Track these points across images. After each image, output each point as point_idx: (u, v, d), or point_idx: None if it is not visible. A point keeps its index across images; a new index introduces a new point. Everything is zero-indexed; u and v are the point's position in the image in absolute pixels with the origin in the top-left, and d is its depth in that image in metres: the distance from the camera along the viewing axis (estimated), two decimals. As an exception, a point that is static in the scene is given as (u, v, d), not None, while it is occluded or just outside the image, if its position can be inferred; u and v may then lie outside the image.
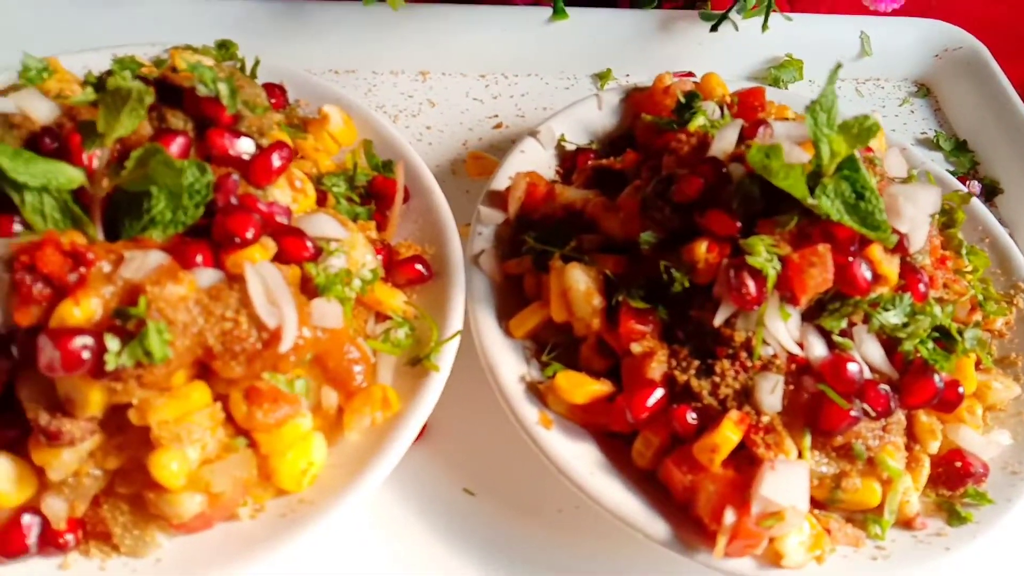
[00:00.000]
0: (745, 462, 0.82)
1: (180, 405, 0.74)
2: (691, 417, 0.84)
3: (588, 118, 1.15)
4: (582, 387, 0.88)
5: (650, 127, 1.09)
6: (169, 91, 0.87)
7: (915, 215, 0.87)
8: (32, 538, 0.75)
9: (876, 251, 0.85)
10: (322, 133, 1.04)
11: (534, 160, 1.09)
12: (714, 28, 1.30)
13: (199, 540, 0.79)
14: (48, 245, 0.71)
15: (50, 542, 0.76)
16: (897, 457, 0.85)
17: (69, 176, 0.76)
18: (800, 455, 0.83)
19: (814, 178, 0.85)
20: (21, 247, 0.71)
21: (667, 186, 0.90)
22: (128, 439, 0.76)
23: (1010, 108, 1.32)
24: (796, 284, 0.82)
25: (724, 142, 0.92)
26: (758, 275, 0.82)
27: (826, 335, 0.86)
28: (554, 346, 0.93)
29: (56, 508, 0.76)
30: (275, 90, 1.08)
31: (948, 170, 1.28)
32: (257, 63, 1.08)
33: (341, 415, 0.86)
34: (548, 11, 1.31)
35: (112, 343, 0.68)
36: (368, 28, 1.29)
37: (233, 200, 0.82)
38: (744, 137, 0.93)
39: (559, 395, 0.88)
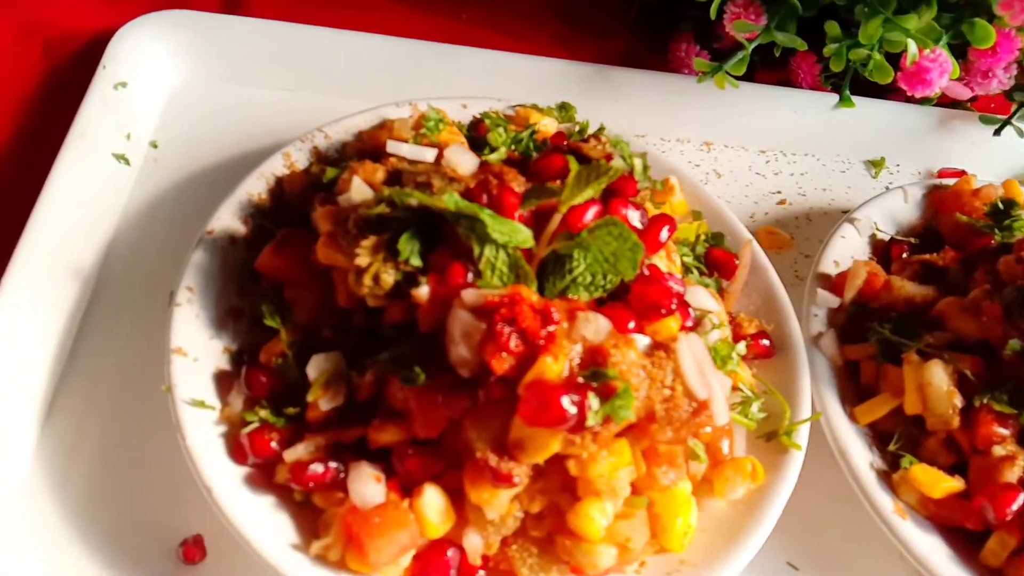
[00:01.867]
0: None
1: (616, 462, 0.78)
2: (1053, 525, 0.87)
3: (894, 209, 1.19)
4: (939, 482, 0.91)
5: (965, 228, 1.13)
6: (580, 158, 0.93)
7: None
8: (453, 570, 0.80)
9: None
10: (667, 202, 1.09)
11: (851, 246, 1.13)
12: (997, 132, 1.34)
13: (592, 590, 0.83)
14: (523, 303, 0.76)
15: (466, 574, 0.81)
16: None
17: (524, 236, 0.82)
18: None
19: None
20: (498, 301, 0.77)
21: (1033, 300, 0.93)
22: (549, 485, 0.81)
23: None
24: None
25: (1084, 256, 0.96)
26: None
27: None
28: (900, 436, 0.96)
29: (475, 544, 0.81)
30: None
31: None
32: (602, 129, 1.14)
33: (704, 482, 0.91)
34: (834, 98, 1.36)
35: (594, 402, 0.73)
36: (664, 95, 1.35)
37: (645, 271, 0.87)
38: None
39: (914, 486, 0.92)
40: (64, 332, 0.99)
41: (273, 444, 0.84)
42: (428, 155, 0.96)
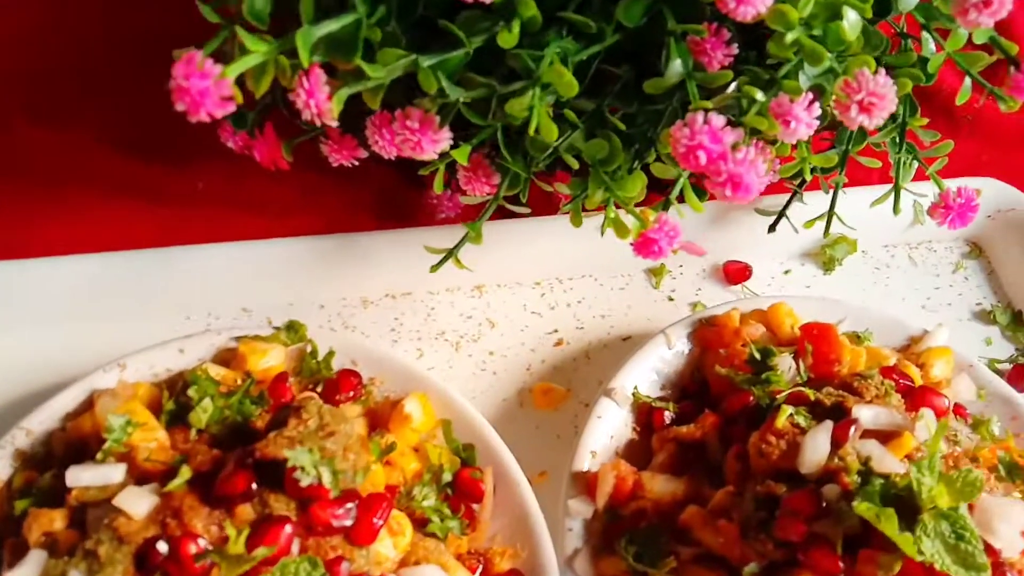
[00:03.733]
0: None
1: None
2: None
3: (658, 359, 1.15)
4: None
5: (724, 381, 1.09)
6: (266, 468, 0.87)
7: (1008, 533, 0.89)
8: None
9: (974, 579, 0.87)
10: (403, 431, 1.03)
11: (612, 424, 1.09)
12: (771, 229, 1.28)
13: None
14: None
15: None
16: None
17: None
18: None
19: (908, 505, 0.87)
20: None
21: (768, 515, 0.91)
22: None
23: (1066, 277, 1.32)
24: (901, 625, 0.85)
25: (816, 454, 0.93)
26: (863, 618, 0.84)
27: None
28: (658, 660, 0.96)
29: None
30: (350, 379, 1.07)
31: (1004, 356, 1.30)
32: (332, 354, 1.07)
33: None
34: (598, 218, 1.29)
35: None
36: (420, 251, 1.27)
37: (346, 588, 0.83)
38: (836, 443, 0.94)
39: None
40: None
41: None
42: (114, 474, 0.89)
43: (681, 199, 1.04)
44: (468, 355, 1.25)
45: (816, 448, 0.94)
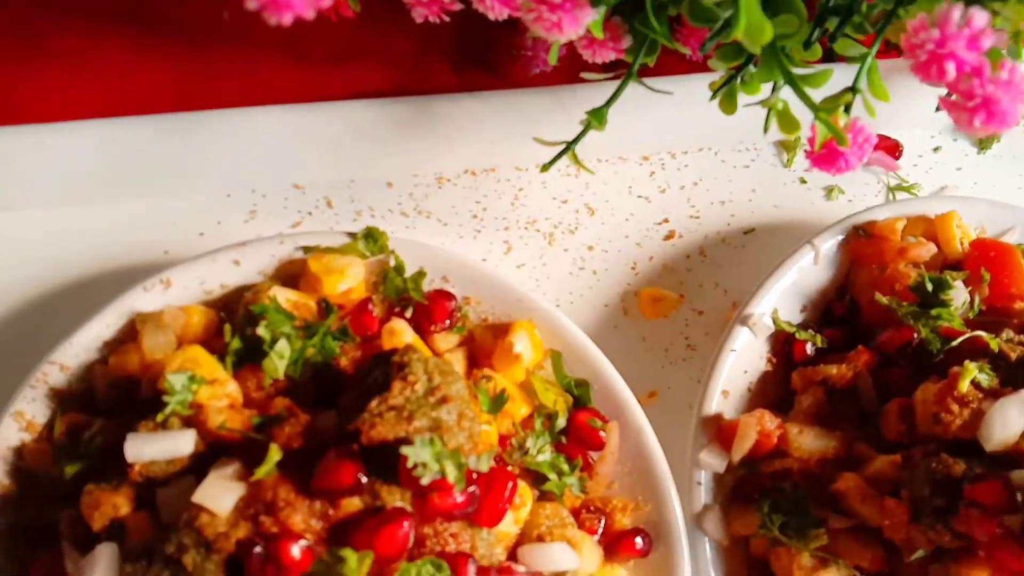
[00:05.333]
0: None
1: None
2: None
3: (801, 276, 0.97)
4: None
5: (882, 309, 0.93)
6: (376, 454, 0.71)
7: None
8: None
9: None
10: (511, 369, 0.87)
11: (747, 357, 0.94)
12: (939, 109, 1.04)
13: None
14: None
15: None
16: None
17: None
18: None
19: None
20: None
21: (946, 502, 0.78)
22: None
23: None
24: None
25: (1006, 431, 0.79)
26: (1046, 623, 0.75)
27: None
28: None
29: None
30: (444, 302, 0.88)
31: None
32: (422, 274, 0.88)
33: None
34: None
35: None
36: (508, 117, 1.03)
37: (475, 588, 0.71)
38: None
39: None
40: None
41: None
42: (184, 445, 0.74)
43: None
44: (564, 249, 1.06)
45: (1006, 423, 0.80)
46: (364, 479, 0.70)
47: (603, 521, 0.87)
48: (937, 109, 1.05)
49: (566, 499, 0.87)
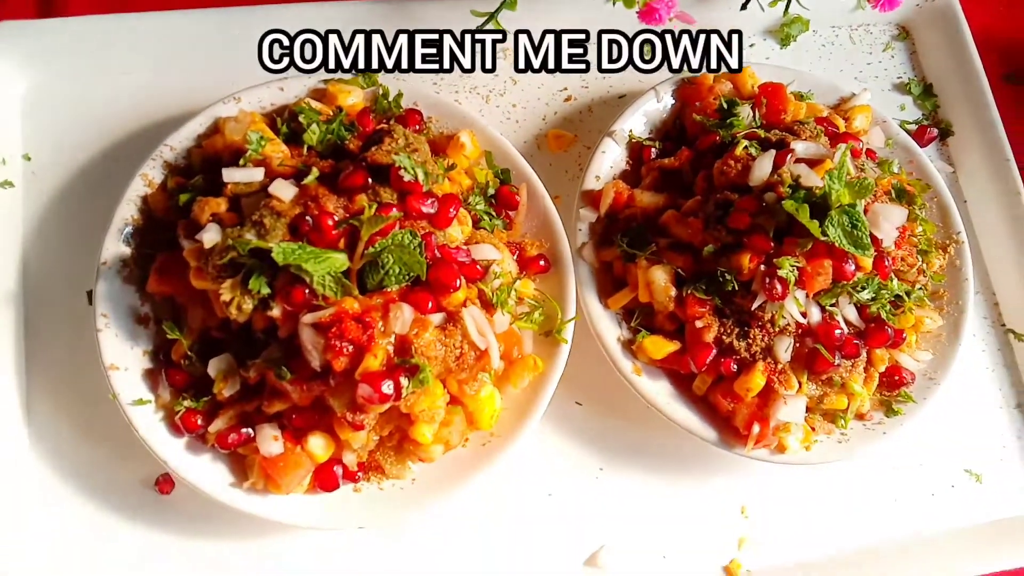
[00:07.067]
0: (766, 393, 1.31)
1: (431, 399, 1.18)
2: (733, 366, 1.31)
3: (648, 110, 1.48)
4: (661, 347, 1.33)
5: (698, 125, 1.44)
6: (374, 171, 1.20)
7: (888, 228, 1.29)
8: (339, 478, 1.23)
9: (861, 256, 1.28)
10: (459, 155, 1.37)
11: (612, 158, 1.45)
12: (743, 7, 1.58)
13: (435, 464, 1.27)
14: (347, 319, 1.10)
15: (349, 478, 1.24)
16: (859, 381, 1.35)
17: (341, 262, 1.13)
18: (800, 388, 1.32)
19: (823, 206, 1.25)
20: (328, 320, 1.10)
21: (723, 212, 1.29)
22: (391, 417, 1.21)
23: (966, 57, 1.65)
24: (808, 284, 1.26)
25: (761, 172, 1.30)
26: (783, 280, 1.25)
27: (821, 307, 1.31)
28: (638, 314, 1.37)
29: (350, 459, 1.23)
30: (415, 115, 1.38)
31: (912, 119, 1.66)
32: (400, 95, 1.38)
33: (506, 376, 1.31)
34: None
35: (405, 381, 1.11)
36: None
37: (436, 253, 1.20)
38: (776, 165, 1.30)
39: (645, 352, 1.34)
40: (15, 352, 1.30)
41: (199, 422, 1.21)
42: (257, 175, 1.22)
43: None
44: (496, 106, 1.56)
45: (762, 168, 1.30)
46: (370, 180, 1.19)
47: (519, 251, 1.36)
48: (742, 8, 1.59)
49: (496, 235, 1.36)
